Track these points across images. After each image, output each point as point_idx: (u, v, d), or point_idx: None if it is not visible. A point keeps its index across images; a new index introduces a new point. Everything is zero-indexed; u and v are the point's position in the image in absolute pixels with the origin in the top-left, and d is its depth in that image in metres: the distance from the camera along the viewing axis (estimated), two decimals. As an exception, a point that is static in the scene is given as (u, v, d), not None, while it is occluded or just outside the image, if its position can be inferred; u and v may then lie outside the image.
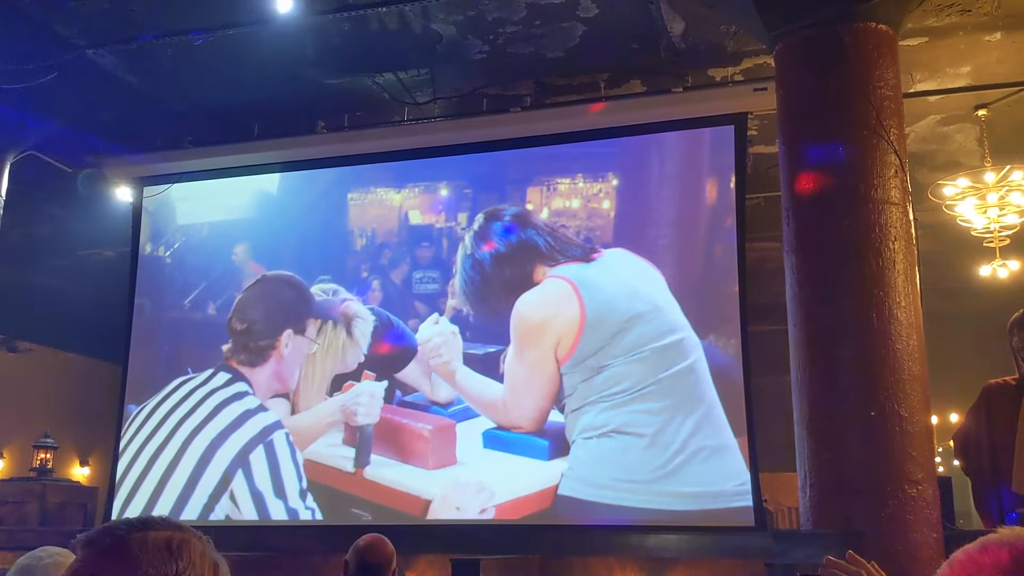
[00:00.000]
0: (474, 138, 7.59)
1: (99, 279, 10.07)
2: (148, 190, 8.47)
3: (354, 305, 7.68)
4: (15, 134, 7.53)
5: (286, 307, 7.86)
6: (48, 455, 9.90)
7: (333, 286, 7.79)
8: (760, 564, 5.16)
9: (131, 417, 8.07)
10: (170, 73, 7.29)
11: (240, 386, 7.74)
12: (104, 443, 9.78)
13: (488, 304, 7.20)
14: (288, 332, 7.70)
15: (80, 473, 12.01)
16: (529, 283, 7.05)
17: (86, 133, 8.02)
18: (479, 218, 7.40)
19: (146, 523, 1.26)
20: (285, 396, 7.65)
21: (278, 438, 7.47)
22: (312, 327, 7.69)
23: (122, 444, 8.01)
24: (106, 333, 9.32)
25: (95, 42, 6.78)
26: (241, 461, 7.44)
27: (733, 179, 6.91)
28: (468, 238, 7.37)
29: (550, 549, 6.87)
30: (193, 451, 7.62)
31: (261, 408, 7.61)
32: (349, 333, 7.60)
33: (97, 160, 8.23)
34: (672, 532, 6.55)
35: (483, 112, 7.50)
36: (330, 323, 7.67)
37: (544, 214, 7.37)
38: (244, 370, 7.78)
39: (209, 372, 7.90)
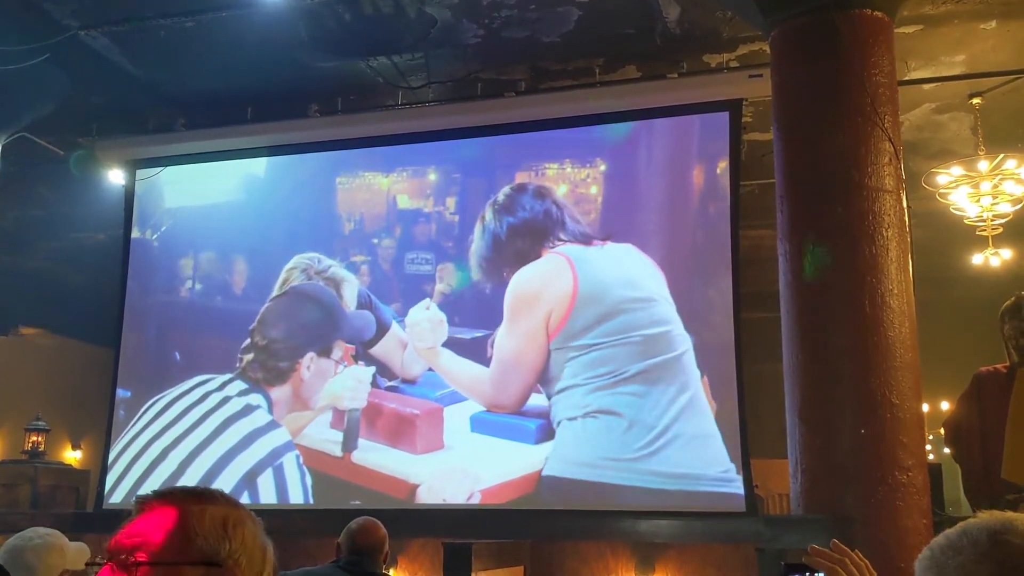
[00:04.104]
0: (468, 123, 7.58)
1: (92, 262, 10.04)
2: (141, 173, 8.43)
3: (340, 270, 7.69)
4: (7, 116, 7.49)
5: (311, 329, 7.68)
6: (40, 438, 9.86)
7: (316, 255, 7.77)
8: (751, 549, 5.18)
9: (146, 407, 7.98)
10: (163, 55, 7.26)
11: (254, 398, 7.58)
12: (96, 427, 9.76)
13: (498, 273, 7.19)
14: (311, 355, 7.53)
15: (72, 456, 11.99)
16: (534, 257, 7.08)
17: (78, 115, 7.97)
18: (505, 190, 7.37)
19: (205, 495, 1.25)
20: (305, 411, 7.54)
21: (288, 461, 7.36)
22: (338, 349, 7.51)
23: (132, 432, 7.94)
24: (99, 316, 9.30)
25: (88, 23, 6.73)
26: (247, 483, 7.34)
27: (721, 165, 6.92)
28: (489, 211, 7.34)
29: (542, 533, 6.89)
30: (199, 465, 7.50)
31: (273, 425, 7.46)
32: (340, 296, 7.61)
33: (89, 142, 8.18)
34: (664, 517, 6.58)
35: (477, 97, 7.47)
36: (347, 298, 7.65)
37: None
38: (263, 385, 7.65)
39: (227, 377, 7.75)
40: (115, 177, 8.36)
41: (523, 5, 6.45)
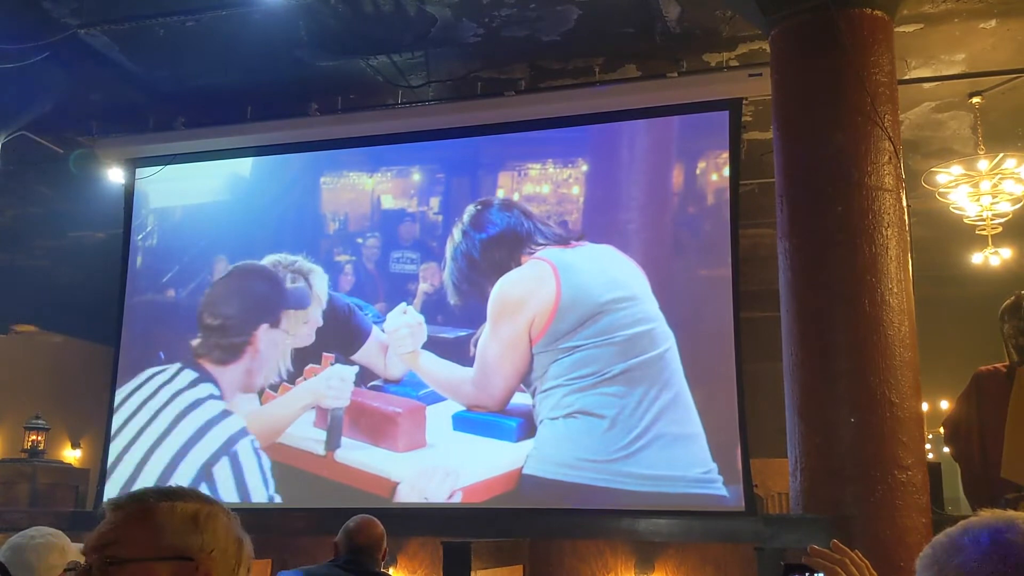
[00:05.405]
0: (468, 121, 7.58)
1: (91, 260, 10.03)
2: (140, 171, 8.42)
3: (306, 263, 7.75)
4: (6, 114, 7.48)
5: (260, 301, 7.84)
6: (39, 437, 9.87)
7: (284, 254, 7.83)
8: (750, 548, 5.19)
9: (117, 402, 8.10)
10: (163, 54, 7.25)
11: (205, 388, 7.71)
12: (96, 425, 9.76)
13: (477, 288, 7.23)
14: (264, 327, 7.69)
15: (71, 455, 11.99)
16: (515, 265, 7.13)
17: (78, 114, 7.97)
18: (469, 209, 7.41)
19: (175, 493, 1.28)
20: (253, 392, 7.64)
21: (243, 447, 7.48)
22: (286, 319, 7.68)
23: (113, 428, 8.04)
24: (98, 315, 9.30)
25: (87, 22, 6.73)
26: (205, 475, 7.45)
27: (720, 164, 6.92)
28: (457, 232, 7.38)
29: (540, 532, 6.89)
30: (158, 460, 7.67)
31: (225, 414, 7.58)
32: (309, 285, 7.69)
33: (89, 141, 8.18)
34: (663, 516, 6.58)
35: (477, 96, 7.46)
36: (289, 280, 7.72)
37: (515, 199, 7.41)
38: (213, 368, 7.76)
39: (176, 368, 7.88)
40: (114, 176, 8.35)
41: (523, 4, 6.45)
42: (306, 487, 7.34)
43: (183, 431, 7.62)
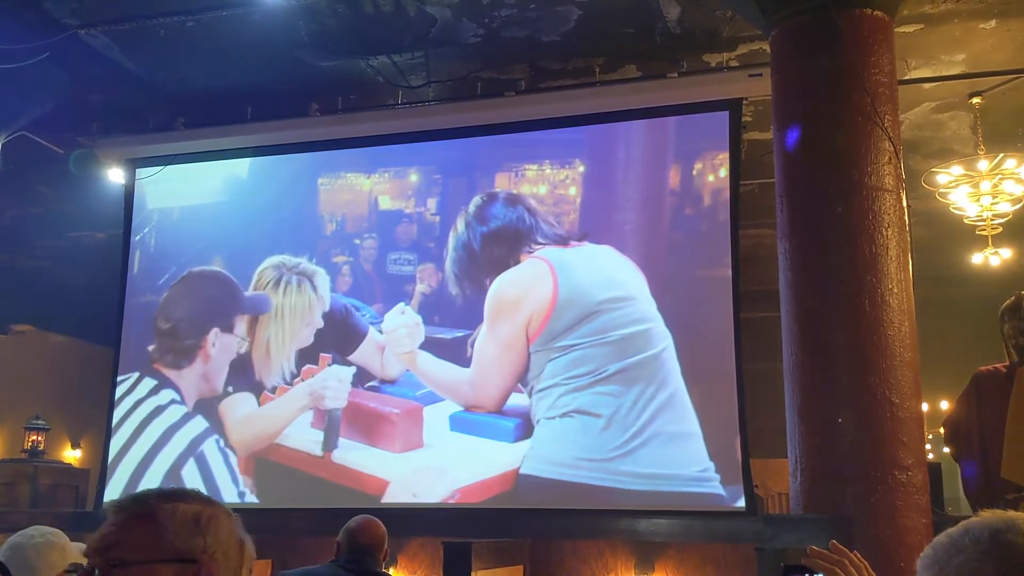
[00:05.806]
0: (468, 122, 7.58)
1: (91, 261, 10.04)
2: (140, 172, 8.42)
3: (310, 265, 7.75)
4: (6, 114, 7.48)
5: (212, 305, 7.88)
6: (40, 437, 9.87)
7: (288, 256, 7.82)
8: (750, 548, 5.19)
9: (116, 402, 8.13)
10: (163, 54, 7.25)
11: (165, 395, 7.75)
12: (96, 426, 9.76)
13: (476, 283, 7.23)
14: (215, 331, 7.71)
15: (72, 455, 12.00)
16: (514, 263, 7.13)
17: (78, 114, 7.97)
18: (476, 200, 7.41)
19: (177, 494, 1.28)
20: (214, 398, 7.68)
21: (208, 447, 7.53)
22: (240, 324, 7.70)
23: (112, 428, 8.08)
24: (98, 315, 9.30)
25: (88, 22, 6.73)
26: (173, 479, 7.49)
27: (720, 164, 6.92)
28: (461, 222, 7.38)
29: (540, 532, 6.89)
30: (125, 467, 7.75)
31: (187, 418, 7.63)
32: (314, 287, 7.68)
33: (89, 141, 8.17)
34: (663, 516, 6.58)
35: (477, 96, 7.46)
36: (295, 282, 7.69)
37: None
38: (170, 373, 7.79)
39: (135, 376, 7.94)
40: (114, 176, 8.34)
41: (523, 4, 6.45)
42: (304, 488, 7.33)
43: (145, 442, 7.70)
